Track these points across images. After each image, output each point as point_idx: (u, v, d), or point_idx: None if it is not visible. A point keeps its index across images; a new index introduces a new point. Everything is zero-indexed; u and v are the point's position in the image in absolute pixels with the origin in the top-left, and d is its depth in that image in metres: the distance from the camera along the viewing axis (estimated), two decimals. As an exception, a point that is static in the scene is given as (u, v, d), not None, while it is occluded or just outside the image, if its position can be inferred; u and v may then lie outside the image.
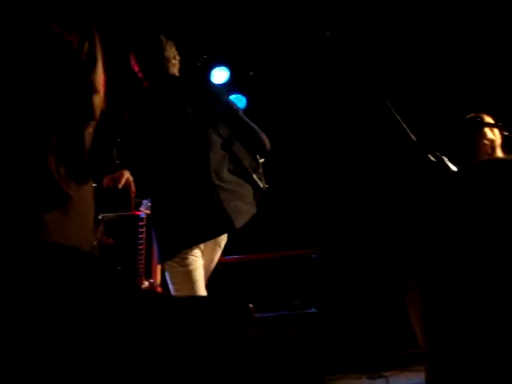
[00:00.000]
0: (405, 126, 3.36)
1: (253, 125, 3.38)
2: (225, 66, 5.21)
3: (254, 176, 3.28)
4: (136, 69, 3.45)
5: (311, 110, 5.34)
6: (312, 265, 5.00)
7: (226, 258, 5.24)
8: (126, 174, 2.88)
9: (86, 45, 2.61)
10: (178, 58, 3.45)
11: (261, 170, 3.33)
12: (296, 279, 5.04)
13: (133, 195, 2.81)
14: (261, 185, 3.28)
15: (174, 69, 3.43)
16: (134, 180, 2.94)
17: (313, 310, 4.65)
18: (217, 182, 3.18)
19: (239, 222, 3.26)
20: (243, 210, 3.29)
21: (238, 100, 5.27)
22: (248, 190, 3.32)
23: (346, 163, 5.34)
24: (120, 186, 2.81)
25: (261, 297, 4.92)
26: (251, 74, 5.32)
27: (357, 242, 5.28)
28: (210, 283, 5.12)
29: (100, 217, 2.30)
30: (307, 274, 4.99)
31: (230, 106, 3.42)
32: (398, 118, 3.38)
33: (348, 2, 4.87)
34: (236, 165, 3.28)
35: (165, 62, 3.36)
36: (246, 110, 5.37)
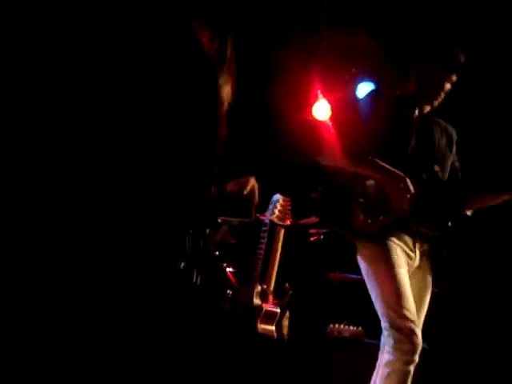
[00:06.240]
0: None
1: None
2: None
3: None
4: None
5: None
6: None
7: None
8: (252, 181, 2.73)
9: (216, 43, 2.51)
10: None
11: None
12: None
13: (255, 203, 2.74)
14: None
15: None
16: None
17: (424, 345, 4.48)
18: None
19: None
20: None
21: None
22: None
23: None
24: (245, 192, 2.68)
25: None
26: None
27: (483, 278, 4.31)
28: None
29: (220, 220, 2.64)
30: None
31: None
32: None
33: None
34: None
35: None
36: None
